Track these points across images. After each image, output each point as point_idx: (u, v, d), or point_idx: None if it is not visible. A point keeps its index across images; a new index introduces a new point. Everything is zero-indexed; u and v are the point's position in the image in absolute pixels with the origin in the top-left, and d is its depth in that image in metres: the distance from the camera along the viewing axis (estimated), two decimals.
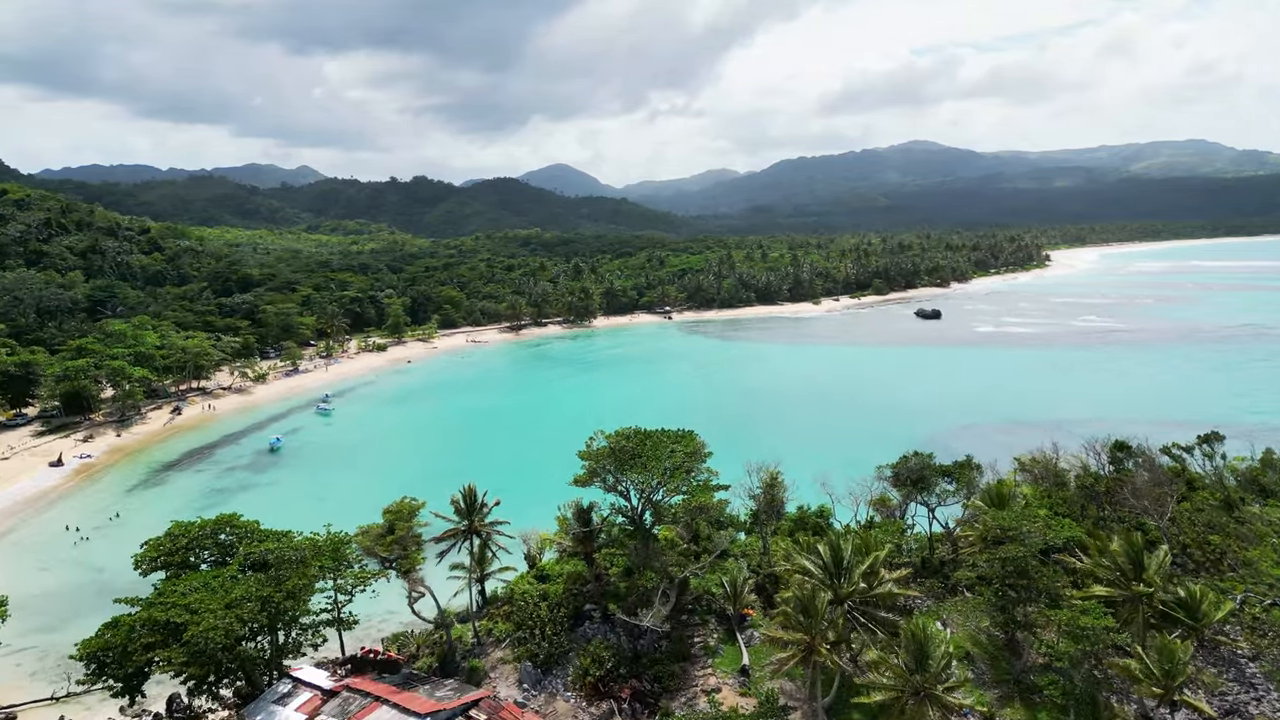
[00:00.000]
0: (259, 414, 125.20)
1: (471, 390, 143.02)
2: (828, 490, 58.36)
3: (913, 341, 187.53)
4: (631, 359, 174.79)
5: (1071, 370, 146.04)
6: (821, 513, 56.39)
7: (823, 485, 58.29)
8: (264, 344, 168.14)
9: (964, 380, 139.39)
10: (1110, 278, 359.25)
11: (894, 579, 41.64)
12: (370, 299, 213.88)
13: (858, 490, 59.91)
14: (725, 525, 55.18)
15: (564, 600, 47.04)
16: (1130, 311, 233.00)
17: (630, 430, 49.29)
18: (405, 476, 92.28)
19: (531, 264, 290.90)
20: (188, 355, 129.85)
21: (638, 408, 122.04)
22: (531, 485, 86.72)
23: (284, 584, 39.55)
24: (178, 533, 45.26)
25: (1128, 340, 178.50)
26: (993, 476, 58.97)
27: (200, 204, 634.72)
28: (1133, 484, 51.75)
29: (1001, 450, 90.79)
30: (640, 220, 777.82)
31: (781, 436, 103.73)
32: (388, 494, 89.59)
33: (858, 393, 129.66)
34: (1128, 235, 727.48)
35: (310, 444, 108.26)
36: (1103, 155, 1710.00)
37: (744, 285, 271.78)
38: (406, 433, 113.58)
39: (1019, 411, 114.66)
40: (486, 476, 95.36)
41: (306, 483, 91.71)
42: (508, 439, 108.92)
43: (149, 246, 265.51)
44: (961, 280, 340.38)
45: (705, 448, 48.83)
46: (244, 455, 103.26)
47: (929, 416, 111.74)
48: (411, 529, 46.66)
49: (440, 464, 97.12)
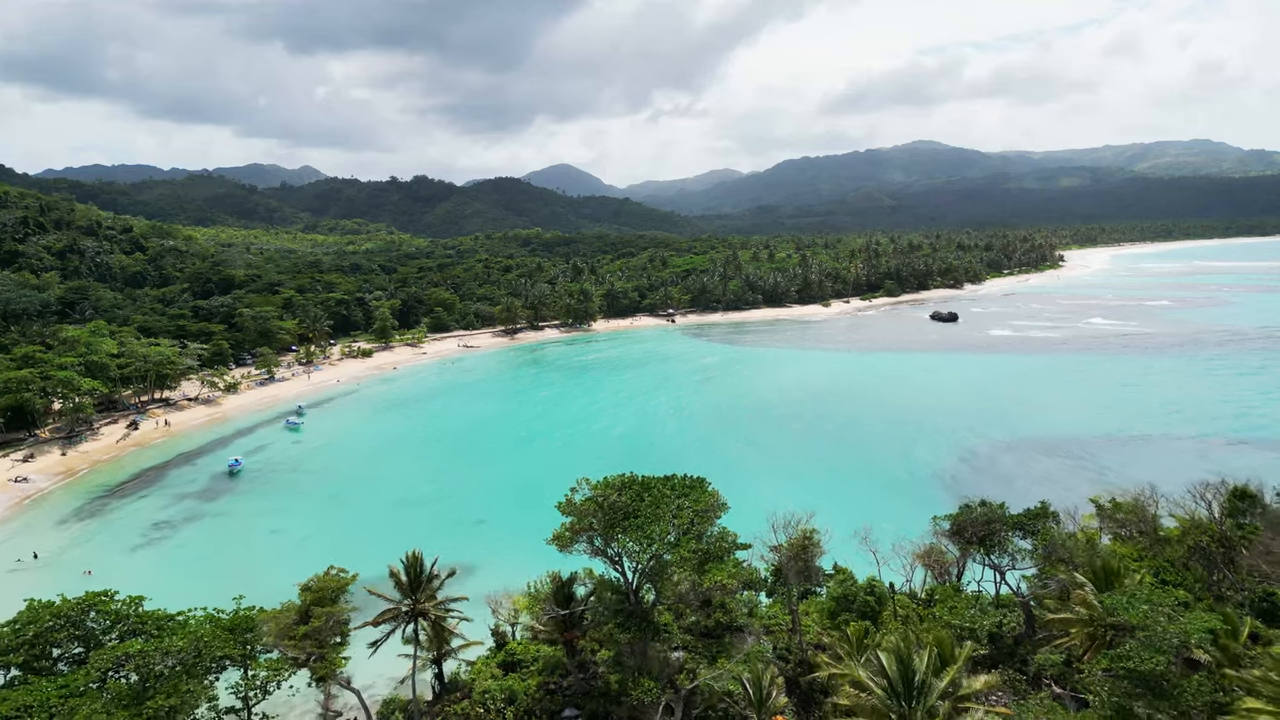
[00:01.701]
0: (223, 429, 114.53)
1: (458, 400, 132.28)
2: (869, 546, 47.45)
3: (931, 347, 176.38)
4: (631, 366, 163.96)
5: (1105, 379, 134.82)
6: (873, 589, 44.97)
7: (864, 540, 47.37)
8: (240, 350, 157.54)
9: (993, 390, 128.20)
10: (1128, 279, 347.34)
11: (978, 689, 30.87)
12: (357, 301, 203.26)
13: (905, 542, 49.20)
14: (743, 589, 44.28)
15: (536, 703, 36.25)
16: (1154, 315, 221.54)
17: (623, 479, 38.30)
18: (375, 505, 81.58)
19: (528, 265, 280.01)
20: (148, 364, 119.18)
21: (637, 422, 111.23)
22: (514, 516, 76.10)
23: (147, 705, 28.73)
24: (28, 618, 34.49)
25: (1158, 346, 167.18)
26: (1072, 524, 48.19)
27: (197, 203, 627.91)
28: (1265, 545, 40.74)
29: (1058, 481, 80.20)
30: (643, 220, 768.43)
31: (799, 459, 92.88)
32: (351, 527, 79.18)
33: (879, 405, 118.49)
34: (1139, 235, 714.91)
35: (274, 464, 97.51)
36: (1107, 155, 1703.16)
37: (750, 287, 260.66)
38: (383, 450, 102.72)
39: (1058, 426, 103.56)
40: (465, 503, 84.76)
41: (262, 512, 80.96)
42: (494, 456, 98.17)
43: (131, 246, 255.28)
44: (975, 281, 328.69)
45: (720, 499, 37.93)
46: (198, 478, 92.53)
47: (963, 434, 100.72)
48: (335, 615, 35.62)
49: (416, 489, 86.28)
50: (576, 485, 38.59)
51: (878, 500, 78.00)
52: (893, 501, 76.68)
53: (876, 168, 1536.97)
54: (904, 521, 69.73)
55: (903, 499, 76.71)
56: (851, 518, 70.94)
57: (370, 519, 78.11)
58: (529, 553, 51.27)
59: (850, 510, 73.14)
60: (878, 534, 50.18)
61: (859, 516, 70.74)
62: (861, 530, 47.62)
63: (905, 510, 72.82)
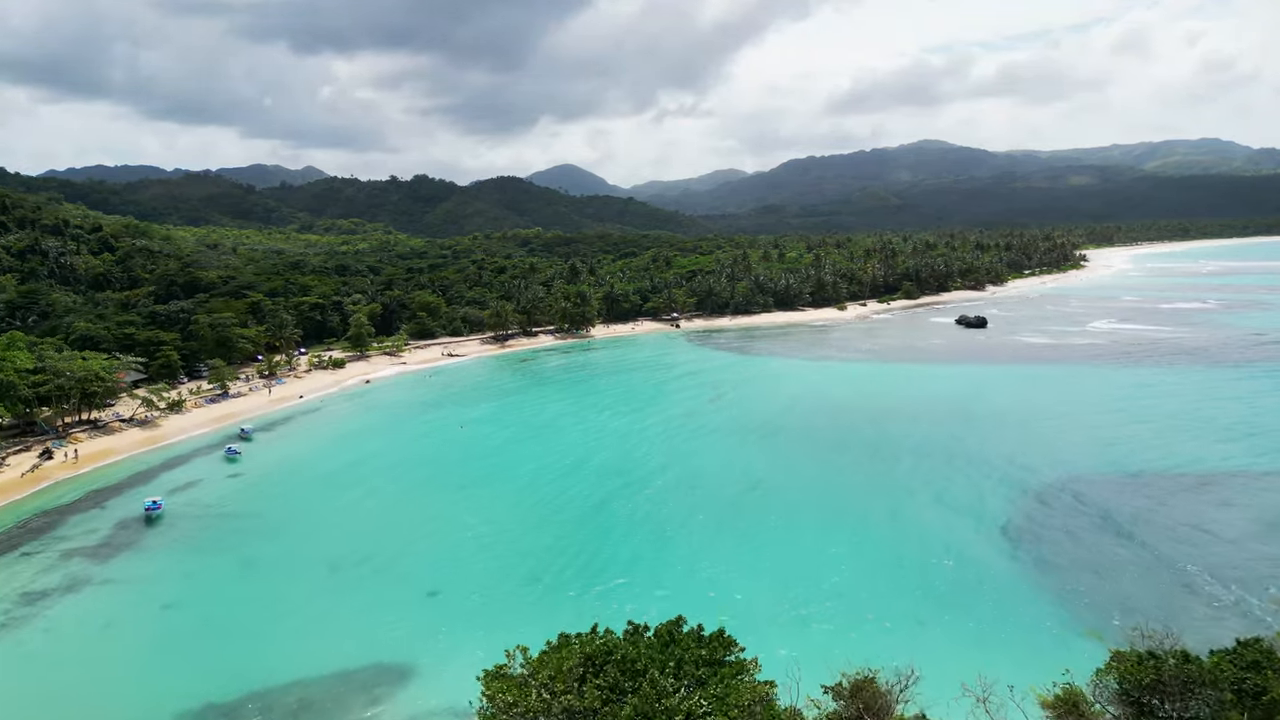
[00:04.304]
0: (152, 458, 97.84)
1: (431, 421, 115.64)
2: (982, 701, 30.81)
3: (965, 357, 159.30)
4: (632, 379, 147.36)
5: (1171, 394, 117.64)
6: None
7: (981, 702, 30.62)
8: (195, 361, 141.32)
9: (1056, 411, 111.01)
10: (1159, 280, 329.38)
11: None
12: (334, 305, 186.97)
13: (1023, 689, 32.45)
14: None
15: None
16: (1202, 320, 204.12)
17: (595, 645, 21.72)
18: (305, 570, 64.86)
19: (522, 265, 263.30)
20: (71, 380, 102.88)
21: (627, 456, 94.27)
22: (475, 583, 59.19)
23: None
24: None
25: (1218, 357, 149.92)
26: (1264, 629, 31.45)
27: (192, 203, 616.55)
28: None
29: (1216, 535, 60.78)
30: (647, 219, 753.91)
31: (833, 512, 75.93)
32: (268, 601, 59.76)
33: (927, 433, 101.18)
34: (1155, 234, 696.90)
35: (199, 506, 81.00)
36: (1115, 154, 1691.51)
37: (759, 289, 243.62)
38: (333, 487, 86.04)
39: (1150, 460, 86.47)
40: (417, 564, 66.85)
41: (163, 577, 64.44)
42: (457, 498, 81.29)
43: (99, 246, 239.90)
44: (997, 283, 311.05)
45: (765, 691, 21.37)
46: (101, 526, 76.01)
47: (1039, 471, 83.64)
48: None
49: (359, 544, 69.57)
50: (509, 657, 21.95)
51: (948, 588, 61.31)
52: (971, 590, 59.96)
53: (882, 167, 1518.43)
54: (992, 624, 53.14)
55: (987, 584, 59.91)
56: (910, 609, 54.16)
57: (295, 589, 61.62)
58: (490, 646, 35.26)
59: (908, 601, 56.41)
60: (945, 646, 33.75)
61: (923, 610, 54.34)
62: (980, 683, 30.80)
63: (993, 602, 56.13)
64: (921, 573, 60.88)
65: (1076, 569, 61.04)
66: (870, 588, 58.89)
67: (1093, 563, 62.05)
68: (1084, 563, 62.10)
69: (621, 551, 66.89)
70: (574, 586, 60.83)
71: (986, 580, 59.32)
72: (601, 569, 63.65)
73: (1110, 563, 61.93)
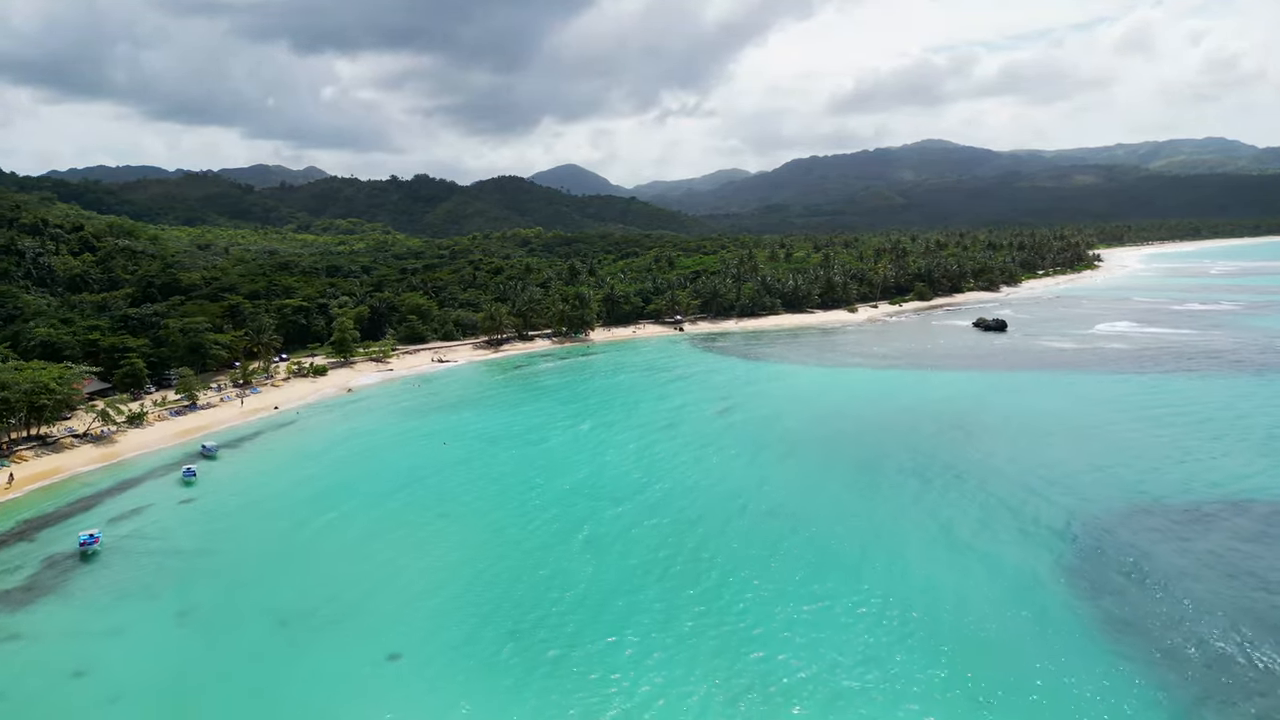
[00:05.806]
0: (102, 479, 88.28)
1: (412, 436, 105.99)
2: None
3: (986, 364, 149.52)
4: (632, 389, 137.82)
5: (1224, 405, 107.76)
6: None
7: None
8: (165, 369, 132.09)
9: (1093, 424, 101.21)
10: (1178, 280, 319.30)
11: None
12: (320, 309, 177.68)
13: None
14: None
15: None
16: (1231, 323, 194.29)
17: None
18: (247, 625, 55.07)
19: (519, 265, 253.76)
20: (16, 393, 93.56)
21: (632, 479, 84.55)
22: (441, 645, 49.31)
23: None
24: None
25: (1259, 363, 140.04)
26: None
27: (189, 203, 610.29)
28: None
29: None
30: (650, 219, 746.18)
31: (861, 549, 65.97)
32: (196, 670, 45.33)
33: (961, 451, 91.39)
34: (1165, 234, 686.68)
35: (142, 539, 71.58)
36: (1120, 153, 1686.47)
37: (767, 290, 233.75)
38: (295, 516, 76.42)
39: (1216, 482, 76.81)
40: (376, 619, 56.08)
41: (80, 634, 54.97)
42: (428, 534, 71.54)
43: (80, 246, 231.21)
44: (1011, 283, 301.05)
45: None
46: (26, 564, 66.55)
47: (1091, 505, 74.01)
48: None
49: (312, 591, 59.95)
50: None
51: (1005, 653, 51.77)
52: (1031, 655, 50.34)
53: (886, 167, 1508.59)
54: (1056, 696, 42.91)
55: (1054, 647, 50.28)
56: (958, 680, 43.63)
57: (233, 649, 52.09)
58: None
59: (955, 669, 46.28)
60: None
61: (978, 684, 44.11)
62: None
63: (1058, 673, 45.98)
64: (973, 632, 51.33)
65: (1163, 629, 51.51)
66: (907, 648, 49.43)
67: (1184, 632, 52.46)
68: (1171, 623, 52.52)
69: (615, 601, 57.33)
70: (557, 643, 51.42)
71: (1052, 642, 49.73)
72: (589, 622, 54.19)
73: (1204, 634, 52.31)
